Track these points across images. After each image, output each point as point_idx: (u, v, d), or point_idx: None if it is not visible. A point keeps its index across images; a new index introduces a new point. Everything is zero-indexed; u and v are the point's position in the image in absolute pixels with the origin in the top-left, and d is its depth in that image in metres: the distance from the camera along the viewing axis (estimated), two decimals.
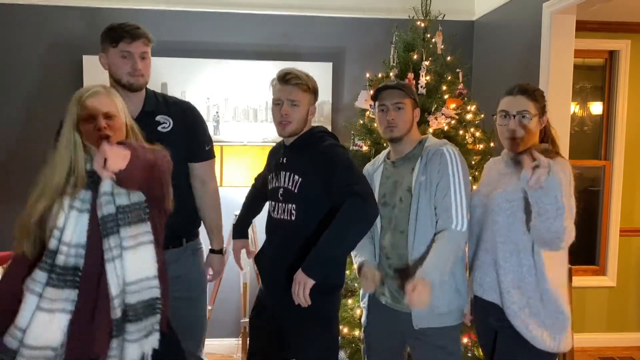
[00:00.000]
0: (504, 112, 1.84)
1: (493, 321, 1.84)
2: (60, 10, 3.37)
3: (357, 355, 2.66)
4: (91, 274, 1.54)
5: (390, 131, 1.93)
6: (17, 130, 3.39)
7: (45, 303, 1.50)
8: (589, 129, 3.85)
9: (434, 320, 1.86)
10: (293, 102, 1.88)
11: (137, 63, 1.92)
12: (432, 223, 1.85)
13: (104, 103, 1.59)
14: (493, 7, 3.42)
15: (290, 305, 1.83)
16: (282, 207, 1.92)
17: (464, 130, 2.73)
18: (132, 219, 1.55)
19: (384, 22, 3.47)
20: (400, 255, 1.90)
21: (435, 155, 1.86)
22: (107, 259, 1.52)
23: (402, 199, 1.91)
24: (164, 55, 3.35)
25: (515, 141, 1.82)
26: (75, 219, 1.54)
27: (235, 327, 3.52)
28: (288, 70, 1.90)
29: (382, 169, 2.03)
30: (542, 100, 1.87)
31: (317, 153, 1.85)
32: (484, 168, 2.09)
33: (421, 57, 2.75)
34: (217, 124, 3.47)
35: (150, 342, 1.58)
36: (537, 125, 1.84)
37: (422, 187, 1.85)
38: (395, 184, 1.95)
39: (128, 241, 1.53)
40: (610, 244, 3.80)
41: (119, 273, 1.52)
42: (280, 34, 3.56)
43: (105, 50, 1.95)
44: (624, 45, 3.72)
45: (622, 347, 3.80)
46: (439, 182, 1.83)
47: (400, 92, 1.93)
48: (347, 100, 3.59)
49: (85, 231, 1.54)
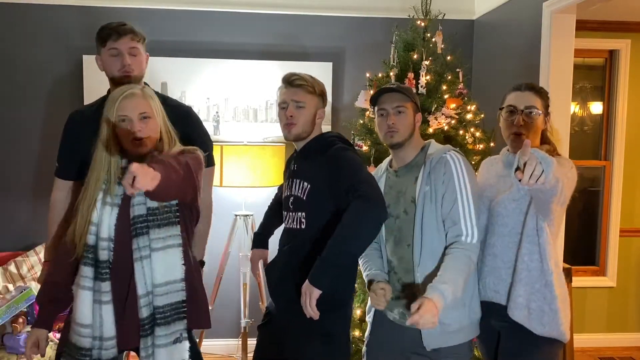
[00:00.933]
0: (512, 107, 1.83)
1: (495, 322, 1.84)
2: (60, 10, 3.37)
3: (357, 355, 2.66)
4: (122, 269, 1.60)
5: (390, 137, 1.82)
6: (17, 130, 3.38)
7: (102, 296, 1.59)
8: (589, 129, 3.85)
9: (446, 340, 1.75)
10: (298, 104, 1.83)
11: (126, 59, 1.91)
12: (440, 236, 1.74)
13: (140, 104, 1.63)
14: (493, 6, 3.42)
15: (293, 318, 1.79)
16: (292, 216, 1.87)
17: (464, 130, 2.73)
18: (161, 221, 1.61)
19: (384, 21, 3.47)
20: (407, 270, 1.80)
21: (439, 163, 1.76)
22: (136, 259, 1.59)
23: (407, 211, 1.81)
24: (164, 55, 3.35)
25: (520, 137, 1.80)
26: (108, 214, 1.61)
27: (235, 327, 3.52)
28: (293, 73, 1.87)
29: (385, 179, 1.93)
30: (547, 100, 1.87)
31: (325, 158, 1.79)
32: (480, 166, 2.06)
33: (421, 57, 2.75)
34: (217, 124, 3.47)
35: (180, 351, 1.62)
36: (542, 123, 1.84)
37: (426, 198, 1.75)
38: (399, 195, 1.85)
39: (157, 243, 1.59)
40: (610, 244, 3.80)
41: (147, 273, 1.59)
42: (280, 33, 3.56)
43: (99, 51, 1.95)
44: (624, 44, 3.72)
45: (622, 347, 3.80)
46: (445, 192, 1.73)
47: (401, 95, 1.82)
48: (347, 100, 3.58)
49: (114, 225, 1.61)
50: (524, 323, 1.75)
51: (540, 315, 1.75)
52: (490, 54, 3.51)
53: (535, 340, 1.76)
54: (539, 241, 1.75)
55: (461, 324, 1.77)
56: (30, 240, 3.32)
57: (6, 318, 2.67)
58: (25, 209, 3.37)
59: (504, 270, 1.81)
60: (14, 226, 3.38)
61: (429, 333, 1.73)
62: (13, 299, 2.71)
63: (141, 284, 1.58)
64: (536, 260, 1.75)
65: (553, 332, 1.75)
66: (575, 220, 3.75)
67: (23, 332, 2.78)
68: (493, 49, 3.47)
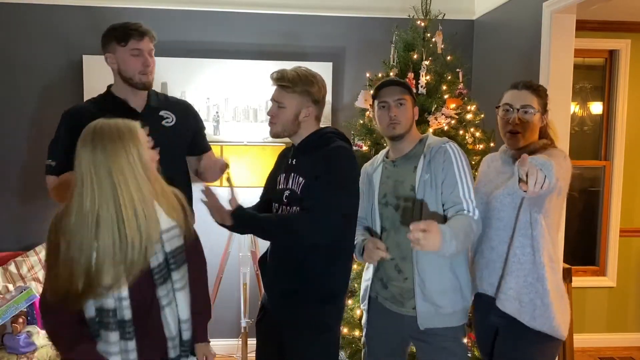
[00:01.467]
0: (508, 105, 1.85)
1: (494, 317, 1.85)
2: (60, 10, 3.37)
3: (357, 355, 2.66)
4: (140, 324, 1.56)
5: (392, 128, 1.88)
6: (17, 129, 3.38)
7: (129, 355, 1.54)
8: (589, 129, 3.85)
9: (439, 321, 1.84)
10: (279, 104, 1.85)
11: (148, 59, 1.97)
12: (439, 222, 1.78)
13: None
14: (493, 6, 3.42)
15: (289, 311, 1.83)
16: (286, 210, 1.89)
17: (464, 130, 2.73)
18: (179, 262, 1.61)
19: (384, 21, 3.47)
20: (404, 256, 1.87)
21: (439, 152, 1.83)
22: (163, 306, 1.58)
23: (406, 199, 1.87)
24: (164, 55, 3.35)
25: (516, 136, 1.82)
26: None
27: (236, 327, 3.52)
28: (279, 70, 1.86)
29: (382, 169, 1.99)
30: (545, 98, 1.87)
31: (321, 154, 1.81)
32: (481, 163, 2.08)
33: (421, 57, 2.75)
34: (217, 124, 3.47)
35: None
36: (539, 121, 1.85)
37: (426, 185, 1.82)
38: (396, 184, 1.92)
39: (179, 283, 1.61)
40: (610, 245, 3.80)
41: (175, 315, 1.61)
42: (280, 33, 3.55)
43: (113, 50, 1.97)
44: (624, 45, 3.72)
45: (622, 347, 3.80)
46: (445, 178, 1.80)
47: (401, 88, 1.90)
48: (347, 100, 3.58)
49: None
50: (515, 315, 1.77)
51: (532, 308, 1.76)
52: (490, 54, 3.50)
53: (532, 336, 1.77)
54: (532, 234, 1.76)
55: (454, 308, 1.85)
56: (30, 240, 3.31)
57: (6, 318, 2.67)
58: (25, 209, 3.37)
59: (499, 264, 1.84)
60: (14, 226, 3.38)
61: (423, 313, 1.83)
62: (13, 299, 2.72)
63: (174, 325, 1.60)
64: (528, 253, 1.77)
65: (544, 326, 1.76)
66: (575, 220, 3.75)
67: (23, 332, 2.79)
68: (493, 49, 3.47)
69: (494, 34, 3.47)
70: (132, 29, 1.95)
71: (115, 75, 2.02)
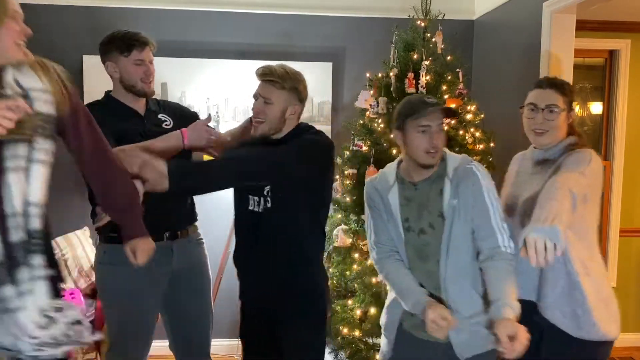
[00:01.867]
0: (532, 105, 1.82)
1: (538, 318, 1.79)
2: (60, 10, 3.37)
3: (357, 355, 2.66)
4: None
5: (432, 157, 1.72)
6: None
7: None
8: (589, 129, 3.84)
9: (478, 347, 1.72)
10: (265, 100, 1.81)
11: (150, 69, 2.03)
12: (468, 249, 1.72)
13: None
14: (493, 6, 3.42)
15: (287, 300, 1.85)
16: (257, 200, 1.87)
17: (464, 130, 2.73)
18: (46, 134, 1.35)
19: (384, 21, 3.47)
20: (435, 286, 1.74)
21: (466, 175, 1.72)
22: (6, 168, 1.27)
23: (433, 225, 1.75)
24: (164, 55, 3.33)
25: (542, 135, 1.81)
26: None
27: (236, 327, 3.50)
28: (265, 66, 1.84)
29: (399, 190, 1.81)
30: (571, 95, 1.84)
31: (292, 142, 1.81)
32: (512, 162, 2.05)
33: (421, 57, 2.74)
34: (217, 124, 3.47)
35: None
36: (565, 120, 1.82)
37: (455, 212, 1.71)
38: (421, 208, 1.77)
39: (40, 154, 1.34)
40: (610, 245, 3.80)
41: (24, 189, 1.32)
42: (280, 33, 3.55)
43: (115, 60, 2.01)
44: (624, 45, 3.72)
45: (622, 347, 3.79)
46: (475, 204, 1.70)
47: (442, 112, 1.75)
48: (347, 100, 3.58)
49: None
50: (560, 325, 1.74)
51: (575, 318, 1.73)
52: (490, 54, 3.50)
53: (580, 345, 1.73)
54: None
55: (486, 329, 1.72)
56: None
57: None
58: None
59: (534, 271, 1.77)
60: None
61: (459, 342, 1.71)
62: None
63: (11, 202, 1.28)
64: (559, 262, 1.70)
65: (592, 334, 1.73)
66: None
67: None
68: (493, 49, 3.47)
69: (494, 34, 3.47)
70: (134, 39, 1.99)
71: (116, 82, 2.06)
